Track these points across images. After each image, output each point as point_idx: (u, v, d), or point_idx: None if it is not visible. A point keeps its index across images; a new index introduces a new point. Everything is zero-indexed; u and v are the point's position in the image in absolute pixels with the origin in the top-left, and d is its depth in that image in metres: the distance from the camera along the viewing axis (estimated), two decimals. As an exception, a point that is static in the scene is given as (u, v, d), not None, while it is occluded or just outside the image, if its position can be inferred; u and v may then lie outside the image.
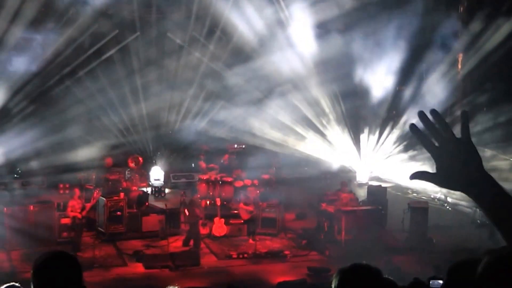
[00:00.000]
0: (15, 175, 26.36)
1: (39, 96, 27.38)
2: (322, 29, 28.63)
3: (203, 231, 21.16)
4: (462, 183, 2.83)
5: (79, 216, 19.67)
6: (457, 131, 2.86)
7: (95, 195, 21.01)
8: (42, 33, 26.89)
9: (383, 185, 25.28)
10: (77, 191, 21.13)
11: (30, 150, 25.86)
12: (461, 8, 29.92)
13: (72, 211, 19.75)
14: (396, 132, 29.96)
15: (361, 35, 28.72)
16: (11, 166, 26.20)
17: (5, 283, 4.59)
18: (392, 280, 4.08)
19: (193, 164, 28.75)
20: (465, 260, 3.31)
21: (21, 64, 26.31)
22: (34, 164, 26.60)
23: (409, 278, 8.25)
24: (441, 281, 5.61)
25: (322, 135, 30.18)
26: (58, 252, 4.13)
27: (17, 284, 4.59)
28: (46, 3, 26.24)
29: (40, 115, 26.86)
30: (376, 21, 28.59)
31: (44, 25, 26.95)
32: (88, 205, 20.30)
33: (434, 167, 2.90)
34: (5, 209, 20.46)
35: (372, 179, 28.95)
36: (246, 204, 21.83)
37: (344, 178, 26.07)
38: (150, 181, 27.23)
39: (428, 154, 2.91)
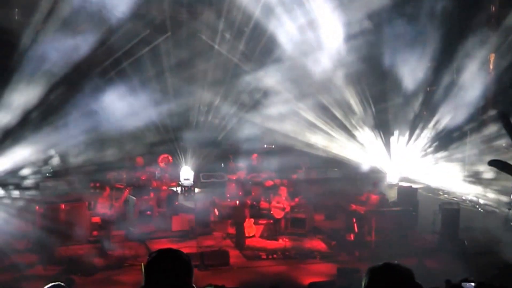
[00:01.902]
0: (47, 174, 26.58)
1: (72, 94, 27.58)
2: (352, 30, 28.47)
3: (231, 231, 21.19)
4: None
5: (108, 213, 19.77)
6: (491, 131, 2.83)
7: (125, 194, 21.11)
8: (75, 33, 27.08)
9: (414, 186, 25.10)
10: (107, 189, 21.23)
11: (62, 149, 26.07)
12: (493, 8, 29.61)
13: (101, 208, 19.86)
14: (427, 133, 29.74)
15: (391, 35, 28.54)
16: (44, 164, 26.43)
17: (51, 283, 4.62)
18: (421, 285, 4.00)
19: (222, 164, 28.79)
20: None
21: (56, 62, 26.50)
22: (66, 163, 26.83)
23: (440, 281, 8.18)
24: (473, 284, 5.52)
25: (352, 135, 30.06)
26: (173, 250, 4.34)
27: (62, 284, 4.62)
28: (79, 3, 26.42)
29: (73, 113, 27.04)
30: (406, 21, 28.43)
31: (77, 25, 27.14)
32: (117, 204, 20.38)
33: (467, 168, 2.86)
34: (36, 207, 20.64)
35: (402, 180, 28.76)
36: (278, 203, 21.78)
37: (374, 178, 25.93)
38: (180, 181, 27.35)
39: (459, 154, 2.88)
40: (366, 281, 3.64)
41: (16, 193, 24.96)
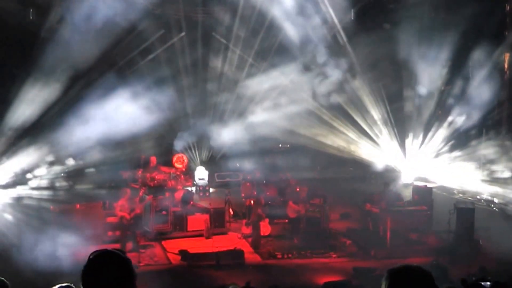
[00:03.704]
0: (62, 174, 26.70)
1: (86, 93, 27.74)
2: (368, 30, 28.47)
3: (247, 230, 21.24)
4: None
5: (127, 216, 19.77)
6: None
7: (140, 194, 21.14)
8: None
9: (429, 185, 25.05)
10: (128, 191, 21.30)
11: (77, 149, 26.19)
12: (507, 7, 29.48)
13: (121, 210, 19.86)
14: (442, 132, 29.67)
15: (407, 35, 28.51)
16: (58, 164, 26.57)
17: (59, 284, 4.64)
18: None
19: (237, 164, 28.83)
20: None
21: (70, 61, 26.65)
22: (81, 163, 26.97)
23: (455, 280, 8.19)
24: (488, 283, 5.53)
25: (368, 135, 30.02)
26: (110, 250, 3.94)
27: (72, 285, 4.63)
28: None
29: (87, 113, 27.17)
30: (421, 21, 28.42)
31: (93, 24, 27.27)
32: (138, 208, 20.38)
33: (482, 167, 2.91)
34: (51, 207, 20.75)
35: (417, 179, 28.70)
36: (295, 203, 21.81)
37: (389, 178, 25.90)
38: (195, 181, 27.42)
39: (474, 154, 2.92)
40: (387, 284, 3.63)
41: (31, 193, 25.10)
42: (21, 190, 25.60)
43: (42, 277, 14.81)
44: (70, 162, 26.92)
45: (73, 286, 4.62)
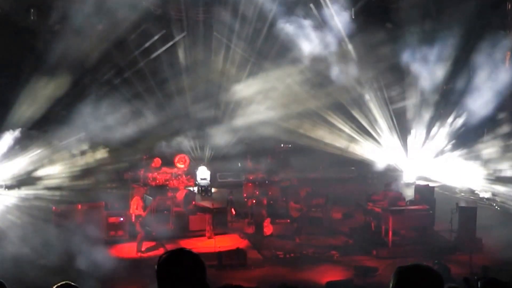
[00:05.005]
0: (68, 174, 26.77)
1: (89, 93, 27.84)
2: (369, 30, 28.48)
3: (249, 230, 21.25)
4: None
5: (143, 215, 19.82)
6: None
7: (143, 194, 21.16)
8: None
9: (431, 184, 25.03)
10: (141, 190, 21.30)
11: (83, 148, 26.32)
12: (509, 5, 29.47)
13: (137, 209, 19.91)
14: (443, 131, 29.66)
15: (408, 35, 28.53)
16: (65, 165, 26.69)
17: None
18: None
19: (239, 164, 28.82)
20: None
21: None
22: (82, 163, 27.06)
23: (458, 279, 8.20)
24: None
25: (370, 134, 30.00)
26: (183, 249, 4.28)
27: (73, 284, 4.64)
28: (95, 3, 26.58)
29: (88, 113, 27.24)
30: (423, 20, 28.44)
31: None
32: (149, 207, 20.43)
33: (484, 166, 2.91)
34: (53, 208, 20.77)
35: (419, 178, 28.68)
36: (296, 202, 21.80)
37: (391, 177, 25.87)
38: (197, 181, 27.42)
39: (477, 153, 2.92)
40: (395, 281, 3.62)
41: (34, 193, 25.16)
42: (24, 191, 25.73)
43: (42, 276, 14.88)
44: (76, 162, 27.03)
45: (74, 284, 4.63)
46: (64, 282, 4.65)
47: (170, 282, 4.00)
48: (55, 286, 4.62)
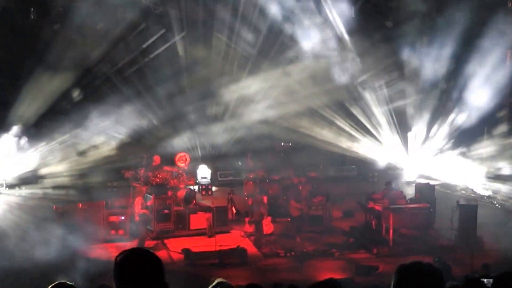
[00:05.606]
0: (71, 173, 26.81)
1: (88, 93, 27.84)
2: (369, 27, 28.47)
3: (249, 229, 21.26)
4: None
5: (148, 213, 19.82)
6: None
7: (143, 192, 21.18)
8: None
9: (431, 182, 25.03)
10: (143, 189, 21.29)
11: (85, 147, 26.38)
12: (510, 4, 29.45)
13: (142, 208, 19.90)
14: (444, 130, 29.65)
15: (407, 34, 28.52)
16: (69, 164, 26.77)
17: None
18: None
19: (240, 162, 28.82)
20: None
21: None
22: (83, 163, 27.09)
23: (459, 277, 8.20)
24: (491, 280, 5.52)
25: (370, 133, 29.99)
26: (139, 249, 4.12)
27: (69, 282, 4.62)
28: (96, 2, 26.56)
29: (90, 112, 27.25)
30: (423, 20, 28.45)
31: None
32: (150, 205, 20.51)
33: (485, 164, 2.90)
34: (54, 207, 20.77)
35: (420, 176, 28.68)
36: (297, 201, 21.79)
37: (391, 176, 25.86)
38: (197, 179, 27.41)
39: (475, 151, 2.91)
40: (396, 279, 3.60)
41: (34, 192, 25.18)
42: (25, 189, 25.75)
43: (42, 275, 14.89)
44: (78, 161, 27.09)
45: (70, 283, 4.60)
46: (59, 282, 4.62)
47: (128, 282, 3.85)
48: (51, 286, 4.59)
